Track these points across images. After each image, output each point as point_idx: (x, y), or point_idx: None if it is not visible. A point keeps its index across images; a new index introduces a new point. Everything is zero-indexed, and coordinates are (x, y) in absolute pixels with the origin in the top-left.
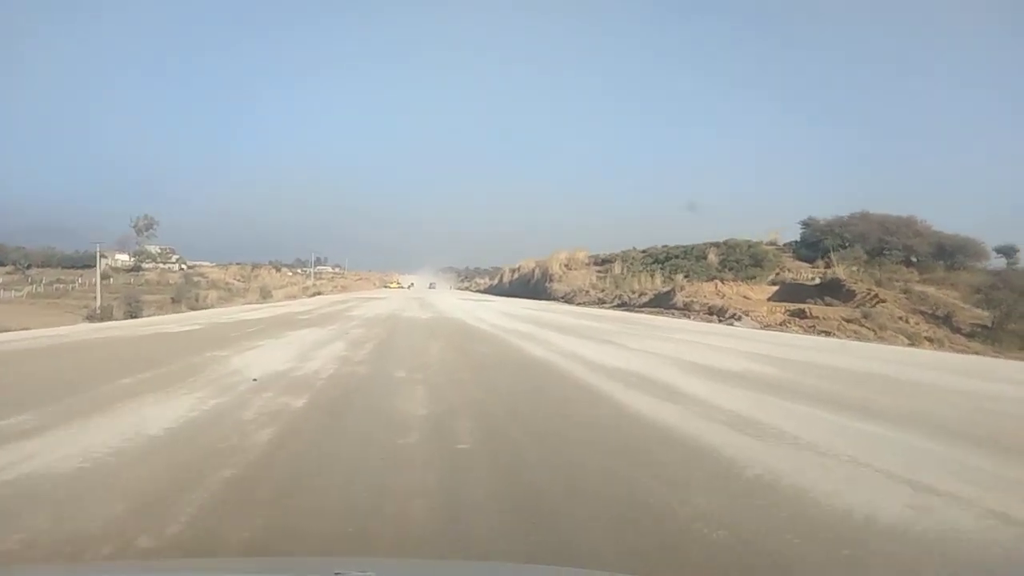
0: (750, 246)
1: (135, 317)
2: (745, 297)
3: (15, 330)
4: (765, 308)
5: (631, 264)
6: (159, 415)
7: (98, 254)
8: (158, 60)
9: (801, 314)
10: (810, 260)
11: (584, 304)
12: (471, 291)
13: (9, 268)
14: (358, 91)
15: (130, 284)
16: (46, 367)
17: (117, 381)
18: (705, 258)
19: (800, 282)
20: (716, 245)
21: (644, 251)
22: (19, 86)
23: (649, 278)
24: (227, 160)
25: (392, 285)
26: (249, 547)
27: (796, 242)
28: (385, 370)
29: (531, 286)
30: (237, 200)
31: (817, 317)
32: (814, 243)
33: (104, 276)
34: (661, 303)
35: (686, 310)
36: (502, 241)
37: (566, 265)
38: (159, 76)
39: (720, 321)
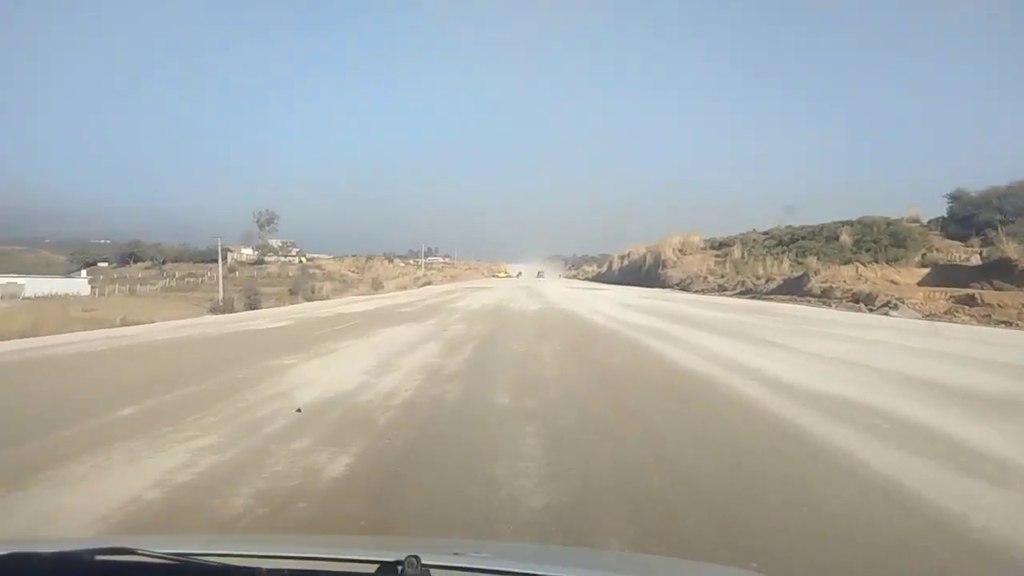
0: (889, 224)
1: (254, 308)
2: (892, 281)
3: (134, 323)
4: (920, 294)
5: (752, 247)
6: (101, 493)
7: (220, 248)
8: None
9: (970, 301)
10: (962, 238)
11: (703, 292)
12: (579, 279)
13: (147, 263)
14: (468, 87)
15: (253, 277)
16: (77, 380)
17: (119, 411)
18: (837, 239)
19: (956, 263)
20: (849, 224)
21: (766, 233)
22: (146, 100)
23: (775, 262)
24: (346, 156)
25: (500, 274)
26: None
27: (943, 218)
28: (482, 392)
29: (642, 273)
30: (354, 194)
31: (991, 304)
32: (966, 218)
33: (230, 270)
34: (792, 290)
35: (824, 297)
36: (609, 228)
37: (679, 250)
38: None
39: (871, 310)
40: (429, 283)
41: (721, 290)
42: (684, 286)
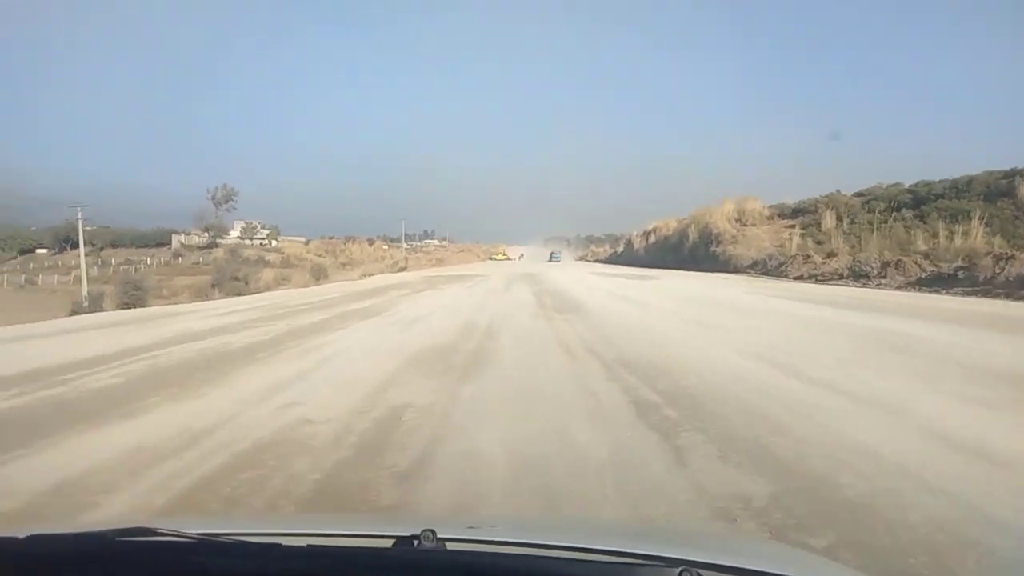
0: None
1: (130, 308)
2: None
3: None
4: None
5: (852, 215)
6: None
7: (80, 226)
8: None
9: None
10: None
11: (821, 279)
12: (588, 261)
13: (86, 249)
14: (474, 66)
15: (198, 264)
16: None
17: None
18: (1011, 195)
19: None
20: (1018, 173)
21: (860, 195)
22: (114, 84)
23: (957, 230)
24: (349, 139)
25: (498, 257)
26: None
27: None
28: None
29: (685, 252)
30: (344, 177)
31: None
32: None
33: (175, 255)
34: None
35: None
36: (614, 208)
37: (737, 220)
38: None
39: None
40: (404, 269)
41: (857, 277)
42: (770, 270)
